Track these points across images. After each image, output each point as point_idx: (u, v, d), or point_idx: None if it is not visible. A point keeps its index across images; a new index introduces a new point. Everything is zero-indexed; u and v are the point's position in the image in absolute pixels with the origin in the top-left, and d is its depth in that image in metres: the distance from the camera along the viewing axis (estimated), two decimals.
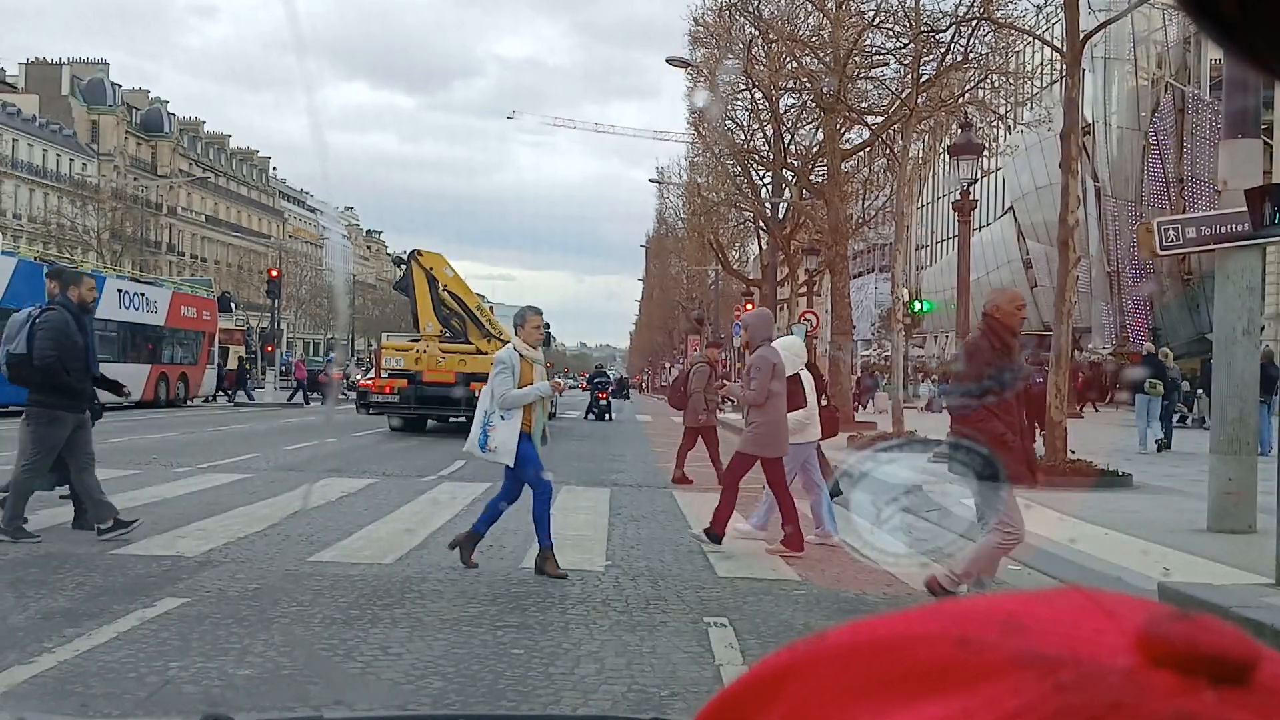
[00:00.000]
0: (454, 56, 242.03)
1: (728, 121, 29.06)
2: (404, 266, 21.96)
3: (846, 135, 25.86)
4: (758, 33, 24.31)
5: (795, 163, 27.93)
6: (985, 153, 19.55)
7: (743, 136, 29.30)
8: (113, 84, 67.73)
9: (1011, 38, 20.77)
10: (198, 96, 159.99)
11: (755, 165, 29.97)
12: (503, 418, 6.83)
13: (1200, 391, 27.82)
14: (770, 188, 30.71)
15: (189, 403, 31.16)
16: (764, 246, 34.44)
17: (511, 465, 6.85)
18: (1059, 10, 15.36)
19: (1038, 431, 10.17)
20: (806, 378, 8.93)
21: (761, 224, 31.93)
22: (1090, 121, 37.82)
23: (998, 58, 21.23)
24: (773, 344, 8.39)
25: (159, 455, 14.14)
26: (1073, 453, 12.55)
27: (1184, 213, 31.06)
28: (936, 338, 53.56)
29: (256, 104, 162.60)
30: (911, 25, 19.54)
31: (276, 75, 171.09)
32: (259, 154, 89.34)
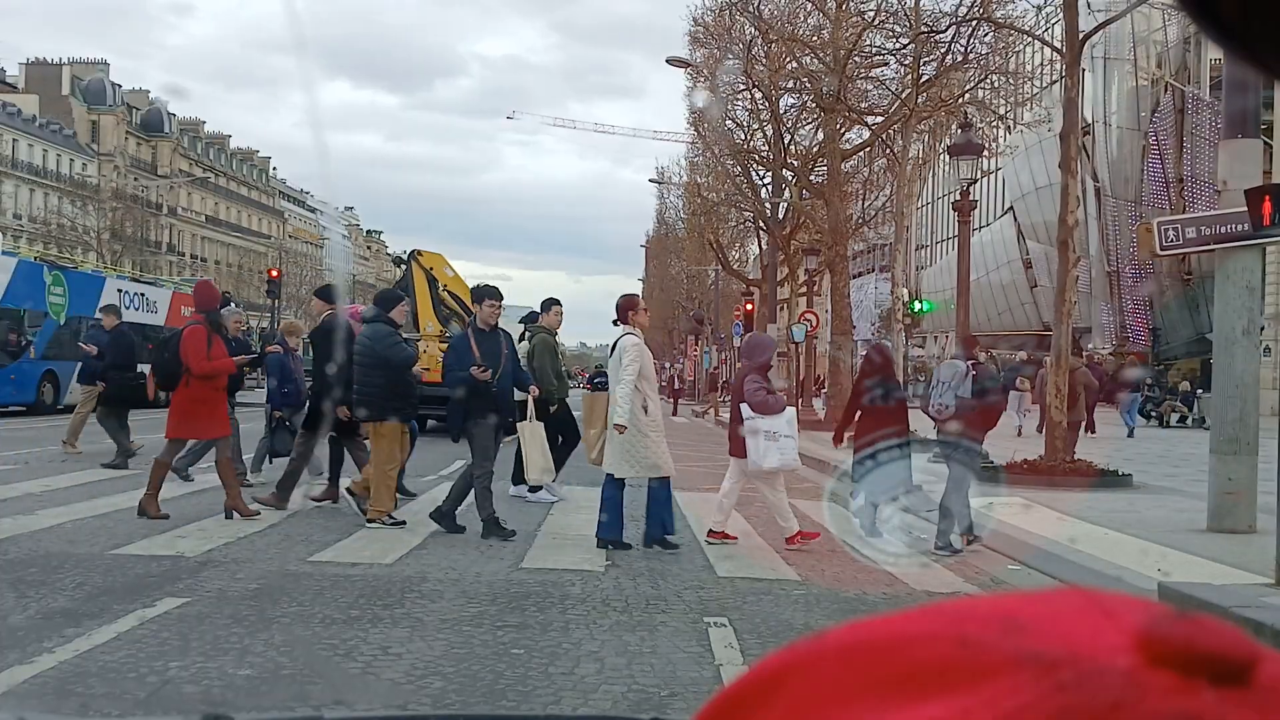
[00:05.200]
0: (435, 55, 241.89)
1: (728, 121, 29.08)
2: (404, 266, 21.93)
3: (846, 135, 25.88)
4: (758, 33, 24.31)
5: (795, 163, 27.93)
6: (985, 153, 19.54)
7: (743, 136, 29.30)
8: (113, 84, 67.67)
9: (1011, 38, 20.77)
10: (185, 95, 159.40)
11: (755, 165, 29.97)
12: None
13: (1200, 391, 27.87)
14: (770, 188, 30.72)
15: None
16: (764, 246, 34.44)
17: None
18: (1059, 10, 15.36)
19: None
20: None
21: (761, 224, 31.93)
22: (1090, 121, 37.82)
23: (997, 58, 21.24)
24: None
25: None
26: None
27: (1184, 213, 31.05)
28: (936, 338, 53.56)
29: (240, 103, 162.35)
30: (911, 25, 19.53)
31: (262, 74, 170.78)
32: (259, 154, 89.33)
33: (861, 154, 26.52)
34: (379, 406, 8.47)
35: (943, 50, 19.38)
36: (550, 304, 11.02)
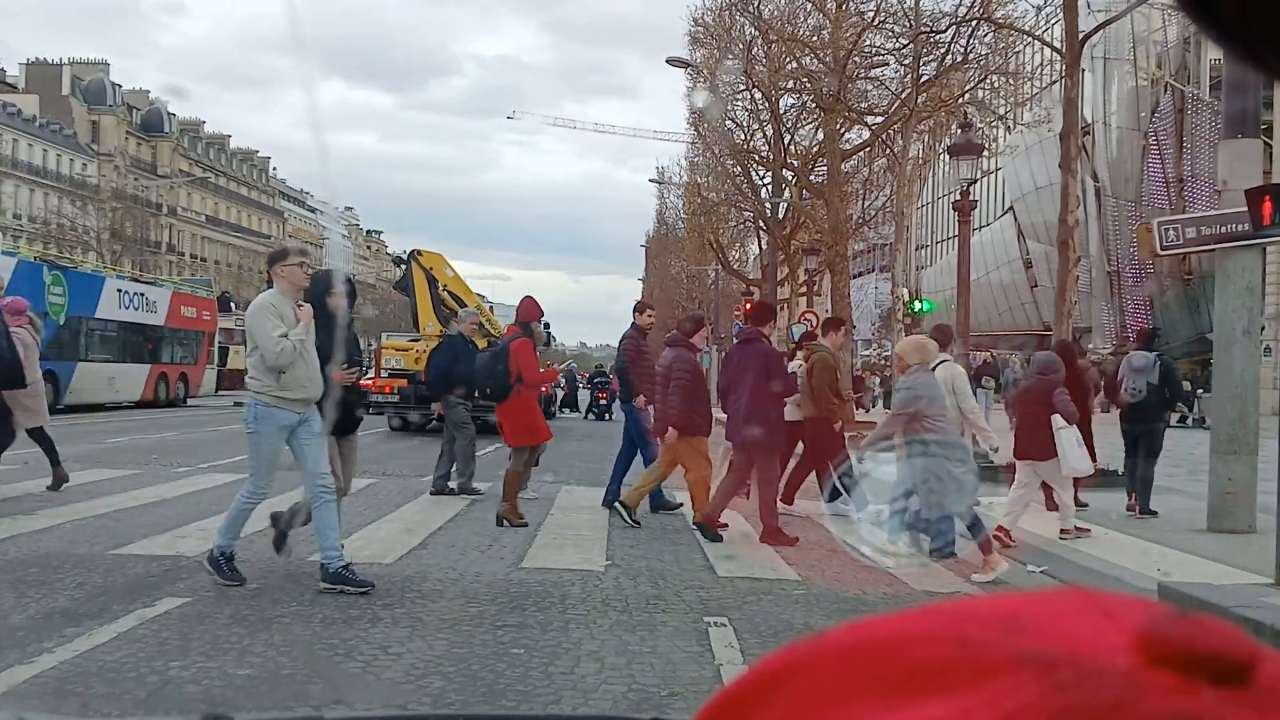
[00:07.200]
0: (430, 55, 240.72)
1: (728, 121, 29.07)
2: (404, 266, 21.94)
3: (846, 135, 25.87)
4: (758, 33, 24.31)
5: (795, 163, 27.93)
6: (985, 153, 19.55)
7: (743, 136, 29.30)
8: (113, 84, 67.69)
9: (1011, 38, 20.79)
10: (185, 95, 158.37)
11: (755, 165, 29.97)
12: None
13: (1200, 391, 27.88)
14: (770, 188, 30.71)
15: (188, 402, 31.14)
16: (764, 246, 34.44)
17: None
18: (1059, 10, 15.37)
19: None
20: None
21: (761, 224, 31.93)
22: (1090, 121, 37.82)
23: (997, 58, 21.25)
24: None
25: (159, 455, 14.13)
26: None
27: (1184, 213, 31.05)
28: None
29: (238, 103, 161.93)
30: (911, 26, 19.54)
31: (257, 74, 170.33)
32: (258, 154, 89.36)
33: (861, 154, 26.52)
34: (680, 424, 9.16)
35: (943, 50, 19.38)
36: (835, 324, 11.31)
